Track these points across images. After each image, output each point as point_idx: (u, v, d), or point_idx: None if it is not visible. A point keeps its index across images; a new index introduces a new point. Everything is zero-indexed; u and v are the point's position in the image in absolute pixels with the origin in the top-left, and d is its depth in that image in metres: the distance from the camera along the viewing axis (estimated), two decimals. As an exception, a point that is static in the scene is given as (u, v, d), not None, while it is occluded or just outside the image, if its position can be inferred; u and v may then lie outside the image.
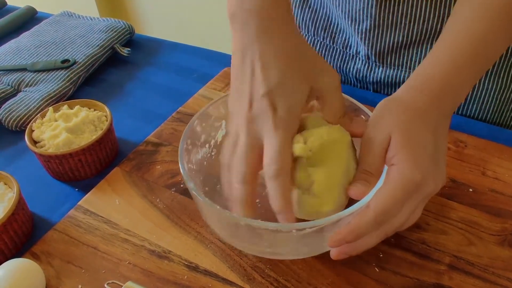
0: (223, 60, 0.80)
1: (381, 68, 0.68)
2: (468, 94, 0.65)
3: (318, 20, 0.71)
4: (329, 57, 0.73)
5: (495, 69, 0.62)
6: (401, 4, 0.60)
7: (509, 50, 0.61)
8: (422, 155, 0.41)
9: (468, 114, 0.67)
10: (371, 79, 0.70)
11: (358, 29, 0.65)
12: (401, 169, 0.40)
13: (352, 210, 0.40)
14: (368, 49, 0.67)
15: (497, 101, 0.65)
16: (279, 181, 0.40)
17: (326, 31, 0.71)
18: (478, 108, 0.66)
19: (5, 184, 0.53)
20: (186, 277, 0.47)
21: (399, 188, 0.40)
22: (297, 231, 0.41)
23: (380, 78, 0.69)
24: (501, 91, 0.64)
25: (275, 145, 0.41)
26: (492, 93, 0.64)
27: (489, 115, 0.66)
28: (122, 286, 0.45)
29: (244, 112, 0.43)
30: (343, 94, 0.48)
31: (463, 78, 0.45)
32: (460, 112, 0.67)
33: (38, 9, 0.97)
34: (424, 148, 0.42)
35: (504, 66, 0.62)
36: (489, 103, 0.65)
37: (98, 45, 0.80)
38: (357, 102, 0.50)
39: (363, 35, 0.65)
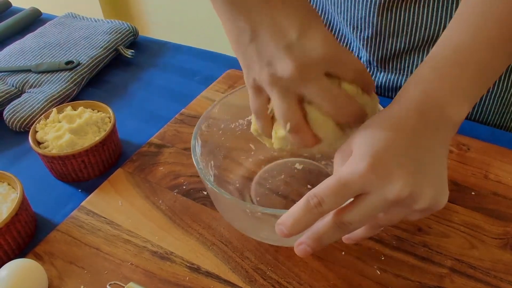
0: (227, 62, 0.80)
1: (382, 73, 0.68)
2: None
3: None
4: None
5: None
6: (403, 12, 0.60)
7: None
8: (382, 157, 0.35)
9: (469, 117, 0.67)
10: None
11: (360, 36, 0.65)
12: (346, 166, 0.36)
13: None
14: (369, 55, 0.67)
15: (499, 104, 0.65)
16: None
17: None
18: (480, 110, 0.66)
19: (9, 184, 0.53)
20: (187, 278, 0.47)
21: (335, 179, 0.35)
22: None
23: (382, 82, 0.69)
24: (503, 93, 0.64)
25: (327, 90, 0.38)
26: (493, 96, 0.64)
27: (490, 117, 0.66)
28: (124, 287, 0.46)
29: (263, 70, 0.38)
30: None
31: (447, 85, 0.39)
32: None
33: (42, 11, 0.98)
34: (387, 149, 0.36)
35: (507, 69, 0.62)
36: (490, 105, 0.65)
37: (102, 47, 0.80)
38: None
39: (365, 42, 0.65)
